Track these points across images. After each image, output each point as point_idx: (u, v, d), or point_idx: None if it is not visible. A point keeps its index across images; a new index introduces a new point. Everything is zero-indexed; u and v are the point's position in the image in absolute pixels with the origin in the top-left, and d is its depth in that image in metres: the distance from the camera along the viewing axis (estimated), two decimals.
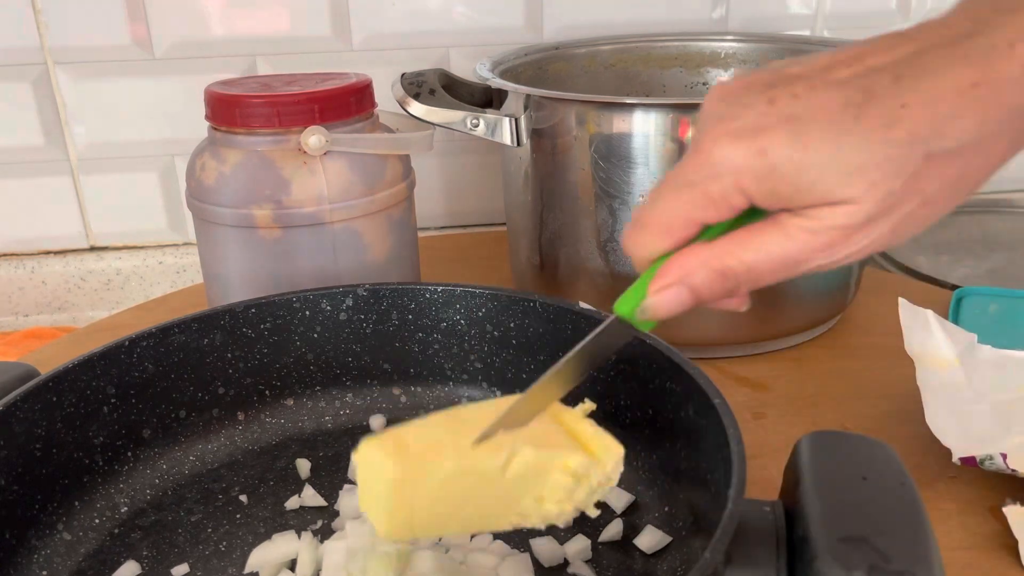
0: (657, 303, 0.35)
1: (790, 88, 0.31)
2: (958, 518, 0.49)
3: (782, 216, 0.32)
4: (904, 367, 0.57)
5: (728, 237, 0.33)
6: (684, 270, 0.34)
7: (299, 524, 0.49)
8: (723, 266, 0.33)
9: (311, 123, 0.59)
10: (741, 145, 0.31)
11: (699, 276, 0.34)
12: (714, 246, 0.33)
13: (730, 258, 0.33)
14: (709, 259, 0.33)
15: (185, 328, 0.53)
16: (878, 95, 0.29)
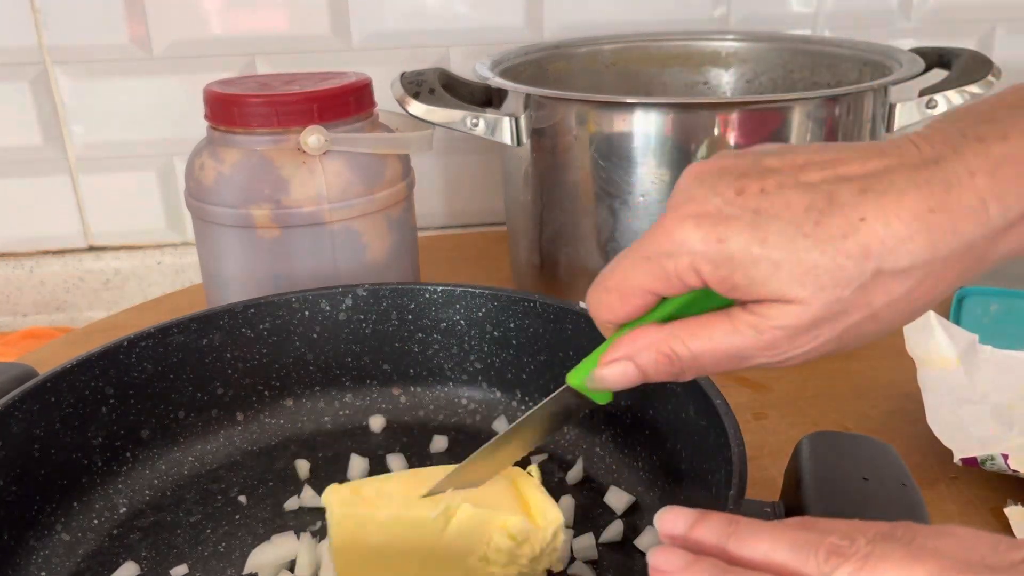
0: (605, 375, 0.36)
1: (761, 182, 0.32)
2: (959, 519, 0.49)
3: (734, 310, 0.33)
4: (905, 367, 0.57)
5: (680, 323, 0.34)
6: (634, 347, 0.35)
7: (298, 525, 0.49)
8: (670, 350, 0.34)
9: (310, 123, 0.59)
10: (702, 230, 0.32)
11: (647, 356, 0.35)
12: (664, 329, 0.35)
13: (678, 344, 0.34)
14: (658, 341, 0.34)
15: (184, 328, 0.53)
16: (840, 204, 0.30)
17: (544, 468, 0.53)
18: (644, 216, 0.61)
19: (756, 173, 0.32)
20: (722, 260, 0.31)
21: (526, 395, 0.57)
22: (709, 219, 0.32)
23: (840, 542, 0.27)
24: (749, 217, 0.31)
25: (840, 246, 0.30)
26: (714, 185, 0.32)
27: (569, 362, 0.53)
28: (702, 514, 0.32)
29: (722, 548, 0.30)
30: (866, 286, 0.31)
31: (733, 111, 0.58)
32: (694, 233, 0.32)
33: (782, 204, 0.31)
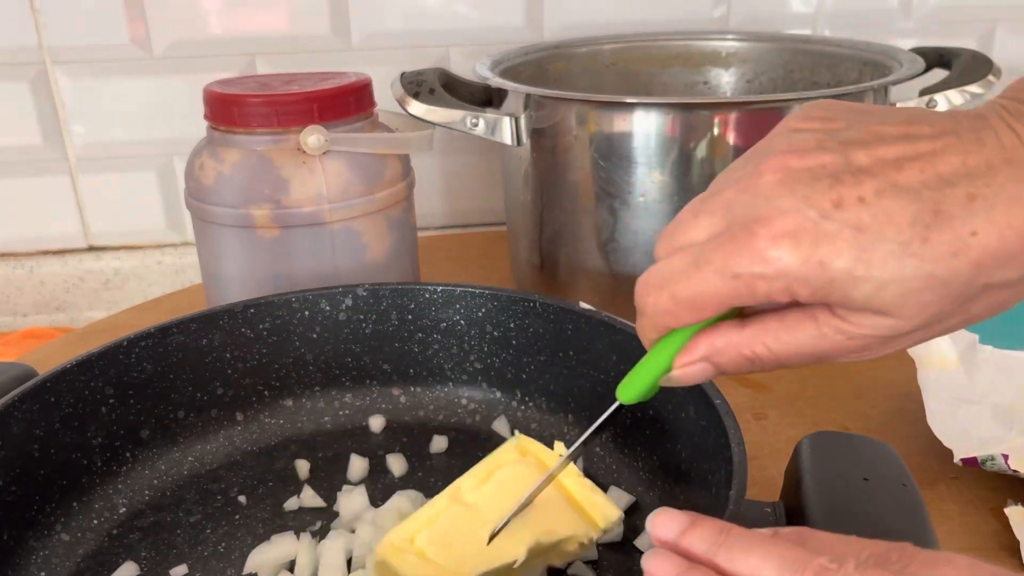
0: (682, 376, 0.35)
1: (858, 188, 0.29)
2: (960, 519, 0.49)
3: (819, 313, 0.31)
4: (905, 367, 0.57)
5: (760, 325, 0.33)
6: (712, 349, 0.34)
7: (298, 525, 0.49)
8: (752, 354, 0.33)
9: (310, 122, 0.59)
10: (800, 251, 0.29)
11: (727, 357, 0.34)
12: (745, 331, 0.33)
13: (760, 347, 0.33)
14: (739, 344, 0.33)
15: (184, 328, 0.53)
16: (948, 216, 0.28)
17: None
18: (644, 216, 0.61)
19: (850, 176, 0.29)
20: (822, 283, 0.29)
21: (526, 395, 0.57)
22: (807, 238, 0.29)
23: (829, 565, 0.27)
24: (850, 235, 0.29)
25: (949, 265, 0.28)
26: (808, 195, 0.30)
27: (569, 362, 0.54)
28: (694, 520, 0.31)
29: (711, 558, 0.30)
30: (971, 299, 0.30)
31: (733, 111, 0.58)
32: (792, 256, 0.29)
33: (884, 218, 0.29)
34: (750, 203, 0.31)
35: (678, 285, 0.33)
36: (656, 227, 0.61)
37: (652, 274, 0.34)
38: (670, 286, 0.33)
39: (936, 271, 0.28)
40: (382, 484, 0.52)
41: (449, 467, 0.54)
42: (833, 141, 0.30)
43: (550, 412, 0.56)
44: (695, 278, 0.32)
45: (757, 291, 0.30)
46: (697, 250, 0.32)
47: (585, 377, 0.53)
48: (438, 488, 0.51)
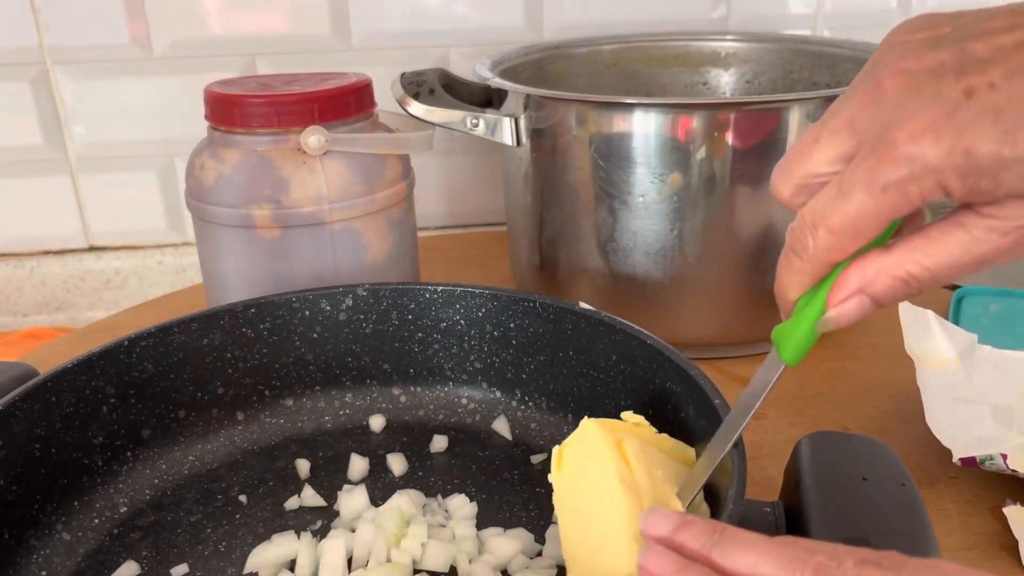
0: (840, 315, 0.35)
1: (984, 76, 0.29)
2: (958, 518, 0.49)
3: (965, 217, 0.31)
4: (904, 367, 0.57)
5: (907, 244, 0.33)
6: (865, 279, 0.33)
7: (298, 524, 0.49)
8: (906, 274, 0.33)
9: (310, 123, 0.59)
10: (944, 144, 0.29)
11: (881, 284, 0.33)
12: (892, 254, 0.33)
13: (913, 265, 0.32)
14: (891, 268, 0.33)
15: (184, 328, 0.53)
16: None
17: (544, 468, 0.53)
18: (644, 216, 0.61)
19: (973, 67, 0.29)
20: (971, 171, 0.29)
21: (526, 395, 0.57)
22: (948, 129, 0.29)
23: (828, 562, 0.27)
24: (990, 120, 0.28)
25: None
26: (936, 90, 0.29)
27: (569, 362, 0.54)
28: (687, 519, 0.31)
29: (706, 555, 0.29)
30: None
31: (733, 111, 0.58)
32: (935, 149, 0.29)
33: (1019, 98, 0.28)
34: (878, 114, 0.31)
35: (832, 217, 0.33)
36: (656, 227, 0.62)
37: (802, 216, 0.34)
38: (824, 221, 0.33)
39: None
40: (382, 483, 0.52)
41: (449, 467, 0.54)
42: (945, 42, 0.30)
43: (550, 412, 0.56)
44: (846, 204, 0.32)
45: (911, 196, 0.30)
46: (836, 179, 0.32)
47: (585, 377, 0.53)
48: (438, 487, 0.52)
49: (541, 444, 0.55)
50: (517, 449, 0.55)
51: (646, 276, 0.63)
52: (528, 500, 0.50)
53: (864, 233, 0.32)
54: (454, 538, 0.47)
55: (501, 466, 0.53)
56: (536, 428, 0.56)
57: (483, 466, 0.53)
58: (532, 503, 0.50)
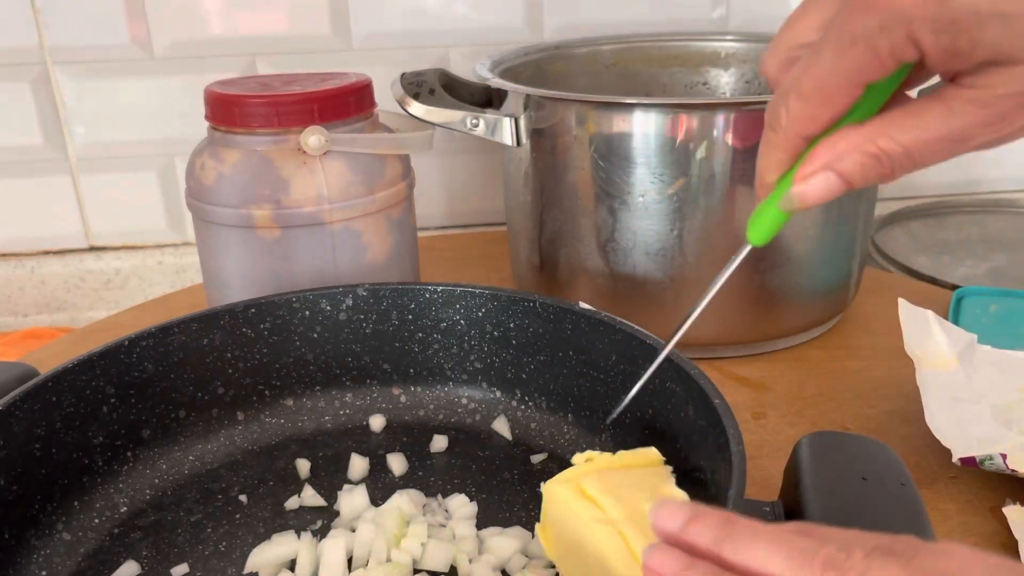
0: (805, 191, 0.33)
1: None
2: (958, 518, 0.49)
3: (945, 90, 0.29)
4: (904, 367, 0.57)
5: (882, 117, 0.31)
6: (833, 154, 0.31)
7: (299, 524, 0.49)
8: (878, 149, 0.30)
9: (310, 123, 0.59)
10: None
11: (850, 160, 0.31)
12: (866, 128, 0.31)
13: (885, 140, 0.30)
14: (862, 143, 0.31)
15: (185, 328, 0.53)
16: None
17: (544, 468, 0.53)
18: (643, 216, 0.62)
19: None
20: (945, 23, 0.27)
21: (526, 395, 0.57)
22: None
23: (837, 553, 0.26)
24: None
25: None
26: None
27: (569, 362, 0.54)
28: (697, 511, 0.30)
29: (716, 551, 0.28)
30: None
31: (732, 111, 0.58)
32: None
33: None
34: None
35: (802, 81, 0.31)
36: (656, 227, 0.62)
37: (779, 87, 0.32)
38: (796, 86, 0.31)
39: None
40: (382, 483, 0.52)
41: (449, 466, 0.54)
42: None
43: (550, 412, 0.56)
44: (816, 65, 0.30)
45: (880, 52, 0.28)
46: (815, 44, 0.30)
47: (585, 377, 0.53)
48: (438, 487, 0.52)
49: (541, 444, 0.55)
50: (517, 449, 0.55)
51: (646, 276, 0.63)
52: (528, 500, 0.50)
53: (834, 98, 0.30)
54: (454, 538, 0.47)
55: (501, 466, 0.53)
56: (536, 428, 0.56)
57: (483, 466, 0.53)
58: (532, 503, 0.50)
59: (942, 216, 0.98)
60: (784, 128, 0.32)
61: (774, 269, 0.63)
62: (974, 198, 1.00)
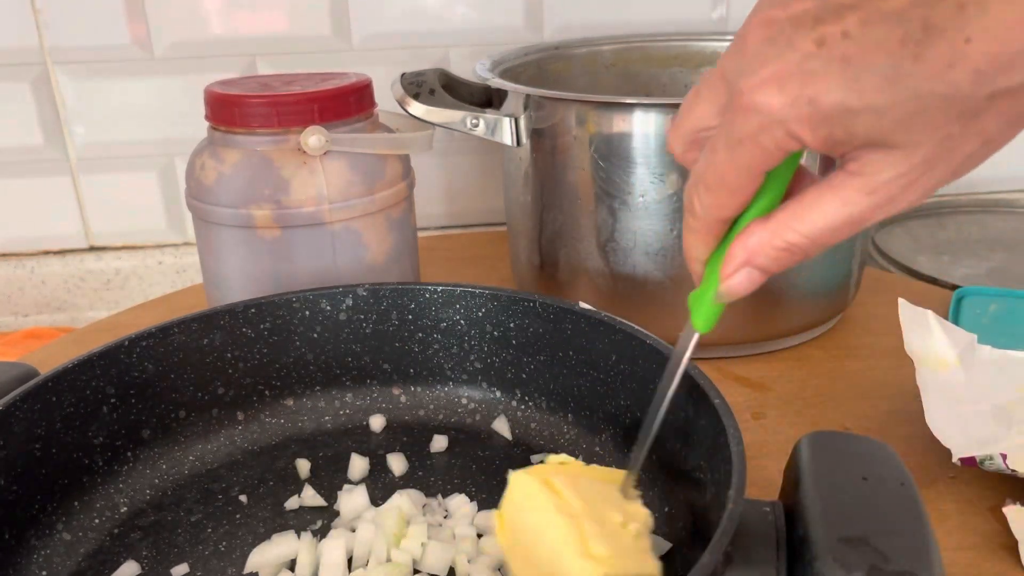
0: (732, 287, 0.35)
1: (841, 24, 0.28)
2: (958, 518, 0.49)
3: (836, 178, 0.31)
4: (904, 367, 0.57)
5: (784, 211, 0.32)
6: (748, 251, 0.34)
7: (299, 524, 0.49)
8: (785, 243, 0.33)
9: (311, 123, 0.59)
10: (787, 94, 0.29)
11: (763, 256, 0.33)
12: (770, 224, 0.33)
13: (791, 234, 0.32)
14: (771, 239, 0.33)
15: (185, 328, 0.53)
16: (939, 29, 0.26)
17: None
18: (644, 216, 0.62)
19: (832, 14, 0.28)
20: (819, 121, 0.28)
21: (526, 395, 0.57)
22: (793, 80, 0.28)
23: None
24: (837, 68, 0.28)
25: (947, 78, 0.26)
26: (789, 40, 0.29)
27: (569, 362, 0.54)
28: None
29: None
30: (979, 114, 0.28)
31: None
32: (779, 99, 0.29)
33: (871, 45, 0.27)
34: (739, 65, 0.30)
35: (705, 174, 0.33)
36: (656, 227, 0.62)
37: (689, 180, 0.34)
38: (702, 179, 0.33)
39: (934, 87, 0.27)
40: (382, 483, 0.52)
41: (449, 466, 0.54)
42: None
43: (550, 412, 0.56)
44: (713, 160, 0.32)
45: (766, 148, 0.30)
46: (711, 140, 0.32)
47: (585, 377, 0.53)
48: (438, 487, 0.52)
49: (541, 444, 0.55)
50: (517, 449, 0.55)
51: (646, 276, 0.63)
52: None
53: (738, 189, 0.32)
54: (454, 538, 0.47)
55: (501, 466, 0.53)
56: (536, 428, 0.56)
57: (483, 466, 0.53)
58: None
59: (942, 216, 0.98)
60: (700, 216, 0.34)
61: None
62: (974, 198, 1.00)
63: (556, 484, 0.40)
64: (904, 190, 0.30)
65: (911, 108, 0.27)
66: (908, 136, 0.28)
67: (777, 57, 0.29)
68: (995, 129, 0.28)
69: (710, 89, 0.33)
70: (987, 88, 0.27)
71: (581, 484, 0.41)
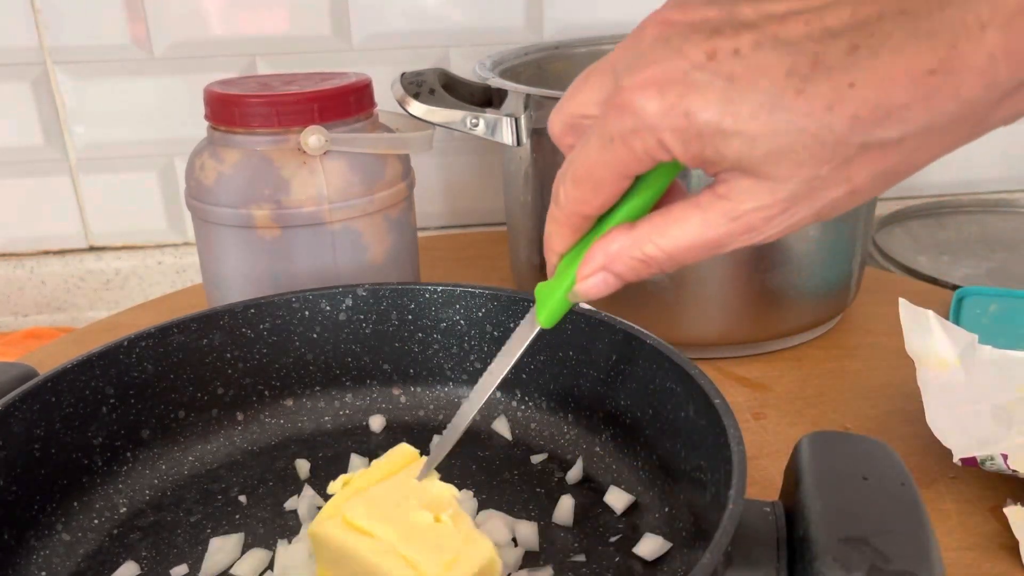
0: (586, 288, 0.35)
1: (735, 40, 0.27)
2: (958, 518, 0.49)
3: (703, 198, 0.31)
4: (905, 367, 0.57)
5: (648, 223, 0.32)
6: (607, 256, 0.34)
7: (297, 525, 0.49)
8: (644, 255, 0.33)
9: (310, 123, 0.59)
10: (666, 101, 0.28)
11: (621, 264, 0.34)
12: (632, 233, 0.33)
13: (650, 247, 0.32)
14: (631, 248, 0.33)
15: (184, 328, 0.53)
16: (826, 67, 0.26)
17: (544, 468, 0.53)
18: None
19: (730, 28, 0.28)
20: (691, 136, 0.28)
21: (526, 395, 0.57)
22: (674, 88, 0.28)
23: None
24: (721, 85, 0.27)
25: (823, 119, 0.26)
26: (680, 46, 0.28)
27: (569, 362, 0.54)
28: None
29: None
30: (849, 161, 0.28)
31: None
32: (656, 104, 0.28)
33: (758, 68, 0.27)
34: (629, 59, 0.30)
35: (574, 165, 0.32)
36: None
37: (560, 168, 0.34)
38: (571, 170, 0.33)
39: (809, 126, 0.27)
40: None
41: (449, 467, 0.54)
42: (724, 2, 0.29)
43: (550, 412, 0.56)
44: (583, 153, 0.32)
45: (636, 152, 0.30)
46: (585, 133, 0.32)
47: (585, 377, 0.53)
48: None
49: (541, 444, 0.55)
50: (517, 449, 0.55)
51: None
52: (528, 500, 0.50)
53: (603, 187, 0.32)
54: None
55: (501, 466, 0.53)
56: (536, 428, 0.56)
57: (483, 466, 0.53)
58: (532, 503, 0.50)
59: (942, 216, 0.98)
60: (563, 207, 0.34)
61: (774, 269, 0.63)
62: (974, 198, 1.00)
63: (358, 522, 0.40)
64: (765, 222, 0.30)
65: (782, 142, 0.27)
66: (776, 170, 0.28)
67: (665, 60, 0.28)
68: (862, 179, 0.28)
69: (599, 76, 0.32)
70: (861, 136, 0.27)
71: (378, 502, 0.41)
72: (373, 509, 0.41)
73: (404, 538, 0.39)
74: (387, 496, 0.42)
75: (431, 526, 0.40)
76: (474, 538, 0.40)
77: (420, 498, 0.41)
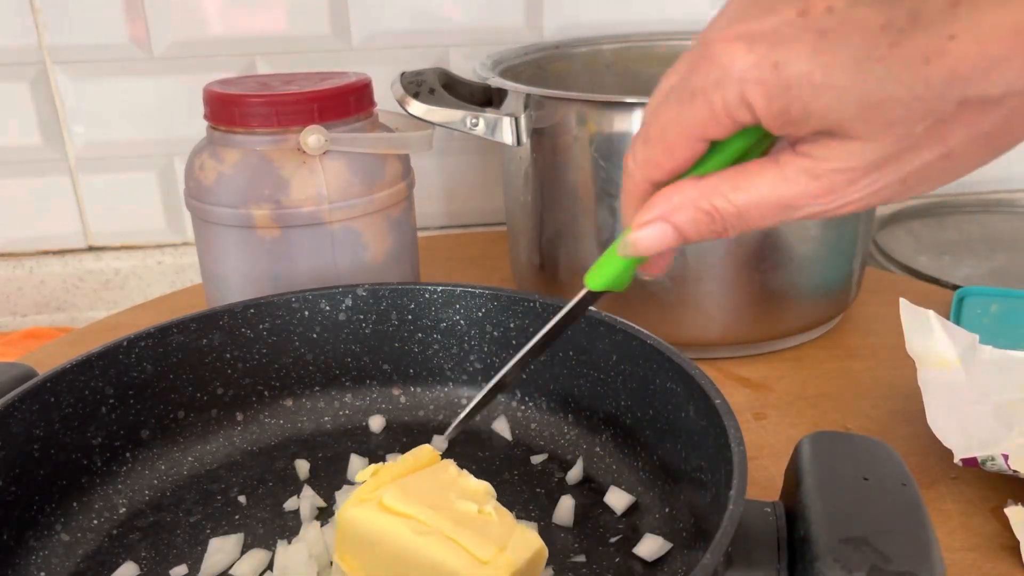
0: (639, 239, 0.33)
1: None
2: (959, 519, 0.49)
3: (782, 154, 0.30)
4: (905, 367, 0.57)
5: (720, 175, 0.31)
6: (669, 206, 0.32)
7: (296, 525, 0.49)
8: (711, 206, 0.31)
9: (310, 122, 0.59)
10: (754, 53, 0.27)
11: (684, 215, 0.31)
12: (703, 183, 0.31)
13: (719, 198, 0.31)
14: (697, 198, 0.31)
15: (184, 328, 0.53)
16: (926, 21, 0.25)
17: (544, 468, 0.53)
18: None
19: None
20: (778, 90, 0.27)
21: (526, 395, 0.57)
22: (764, 41, 0.27)
23: None
24: (812, 39, 0.26)
25: (919, 72, 0.25)
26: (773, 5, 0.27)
27: (569, 362, 0.54)
28: None
29: None
30: (946, 119, 0.26)
31: None
32: (745, 57, 0.27)
33: (853, 23, 0.26)
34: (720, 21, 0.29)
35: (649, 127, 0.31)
36: None
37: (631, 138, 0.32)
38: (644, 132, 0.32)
39: (904, 79, 0.25)
40: None
41: None
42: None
43: (550, 412, 0.56)
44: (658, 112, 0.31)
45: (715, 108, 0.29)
46: None
47: (585, 377, 0.53)
48: None
49: (541, 444, 0.55)
50: (517, 449, 0.55)
51: None
52: (528, 500, 0.50)
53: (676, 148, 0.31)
54: None
55: (501, 466, 0.53)
56: (536, 428, 0.56)
57: (483, 466, 0.53)
58: (532, 503, 0.50)
59: (943, 216, 0.98)
60: (631, 174, 0.32)
61: (775, 269, 0.63)
62: (975, 198, 1.00)
63: (397, 507, 0.39)
64: (848, 185, 0.29)
65: (875, 97, 0.26)
66: (866, 127, 0.27)
67: (755, 17, 0.28)
68: (958, 141, 0.27)
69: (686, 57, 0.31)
70: (959, 92, 0.25)
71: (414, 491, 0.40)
72: (413, 496, 0.40)
73: (454, 523, 0.38)
74: (425, 486, 0.41)
75: (477, 515, 0.39)
76: (521, 529, 0.39)
77: (458, 491, 0.41)
